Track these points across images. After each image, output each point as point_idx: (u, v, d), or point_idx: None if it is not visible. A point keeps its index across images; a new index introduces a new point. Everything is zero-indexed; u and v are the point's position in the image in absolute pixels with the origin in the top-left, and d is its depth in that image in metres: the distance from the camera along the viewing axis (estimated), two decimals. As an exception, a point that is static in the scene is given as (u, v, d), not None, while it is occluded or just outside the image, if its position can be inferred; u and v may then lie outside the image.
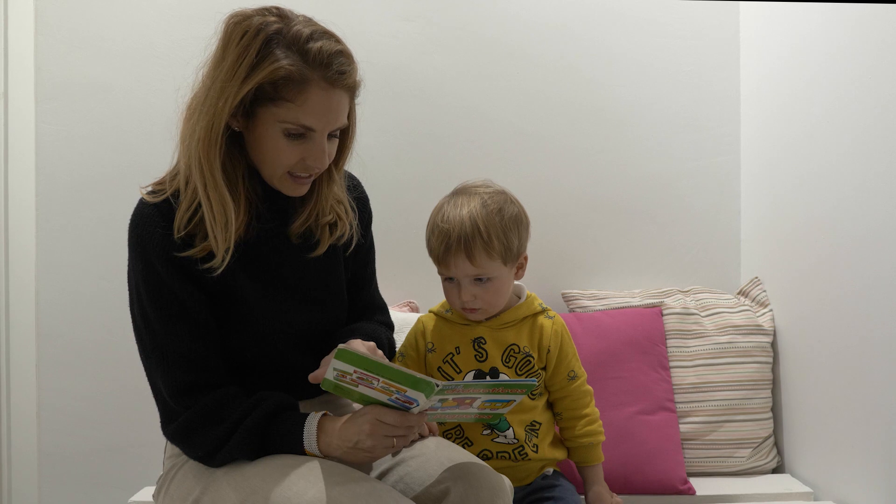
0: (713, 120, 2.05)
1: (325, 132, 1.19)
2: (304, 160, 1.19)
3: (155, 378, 1.22)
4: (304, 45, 1.14)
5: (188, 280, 1.20)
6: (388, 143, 2.00)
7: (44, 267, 1.95)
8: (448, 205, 1.39)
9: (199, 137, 1.15)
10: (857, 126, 1.53)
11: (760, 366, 1.85)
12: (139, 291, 1.20)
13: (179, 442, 1.21)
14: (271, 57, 1.12)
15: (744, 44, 2.03)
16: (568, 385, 1.47)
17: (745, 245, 2.05)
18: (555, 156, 2.03)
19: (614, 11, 2.03)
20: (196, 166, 1.16)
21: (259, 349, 1.26)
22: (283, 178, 1.21)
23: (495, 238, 1.35)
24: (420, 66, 2.00)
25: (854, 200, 1.54)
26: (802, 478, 1.77)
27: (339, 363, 1.08)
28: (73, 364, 1.96)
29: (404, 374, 1.06)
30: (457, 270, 1.37)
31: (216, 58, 1.16)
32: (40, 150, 1.94)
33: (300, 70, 1.13)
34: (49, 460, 1.96)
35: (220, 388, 1.20)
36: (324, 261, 1.31)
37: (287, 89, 1.13)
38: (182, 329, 1.19)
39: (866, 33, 1.50)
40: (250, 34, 1.13)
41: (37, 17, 1.93)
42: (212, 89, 1.15)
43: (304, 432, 1.17)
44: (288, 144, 1.17)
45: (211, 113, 1.15)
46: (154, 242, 1.18)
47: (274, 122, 1.16)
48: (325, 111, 1.17)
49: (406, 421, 1.13)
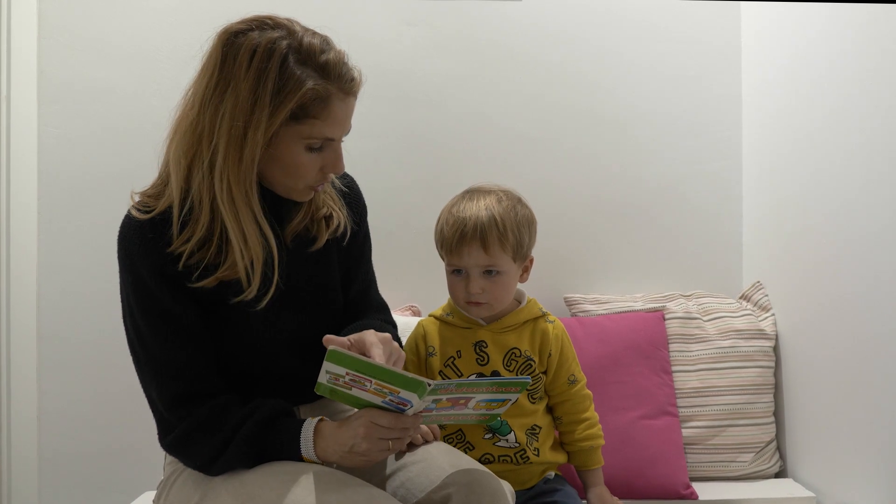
0: (715, 124, 2.05)
1: (342, 138, 1.21)
2: (324, 168, 1.20)
3: (150, 390, 1.21)
4: (319, 58, 1.14)
5: (179, 291, 1.19)
6: (390, 146, 2.00)
7: (45, 269, 1.95)
8: (463, 200, 1.42)
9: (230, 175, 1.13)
10: (858, 130, 1.53)
11: (762, 370, 1.85)
12: (130, 304, 1.20)
13: (177, 453, 1.21)
14: (294, 79, 1.12)
15: (745, 49, 2.03)
16: (568, 389, 1.47)
17: (746, 249, 2.05)
18: (557, 160, 2.03)
19: (616, 16, 2.03)
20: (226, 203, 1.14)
21: (254, 355, 1.26)
22: (304, 190, 1.22)
23: (510, 231, 1.38)
24: (422, 69, 2.01)
25: (855, 205, 1.54)
26: (805, 482, 1.76)
27: (330, 365, 1.08)
28: (74, 367, 1.95)
29: (395, 375, 1.06)
30: (469, 259, 1.38)
31: (215, 77, 1.14)
32: (42, 153, 1.94)
33: (324, 87, 1.14)
34: (49, 464, 1.95)
35: (214, 398, 1.20)
36: (318, 261, 1.30)
37: (314, 108, 1.14)
38: (174, 340, 1.19)
39: (867, 38, 1.50)
40: (262, 55, 1.12)
41: (40, 19, 1.93)
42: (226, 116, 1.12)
43: (300, 439, 1.16)
44: (309, 158, 1.18)
45: (238, 147, 1.12)
46: (143, 257, 1.17)
47: (298, 139, 1.16)
48: (344, 120, 1.19)
49: (401, 423, 1.12)
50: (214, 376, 1.22)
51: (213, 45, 1.16)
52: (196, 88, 1.17)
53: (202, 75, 1.16)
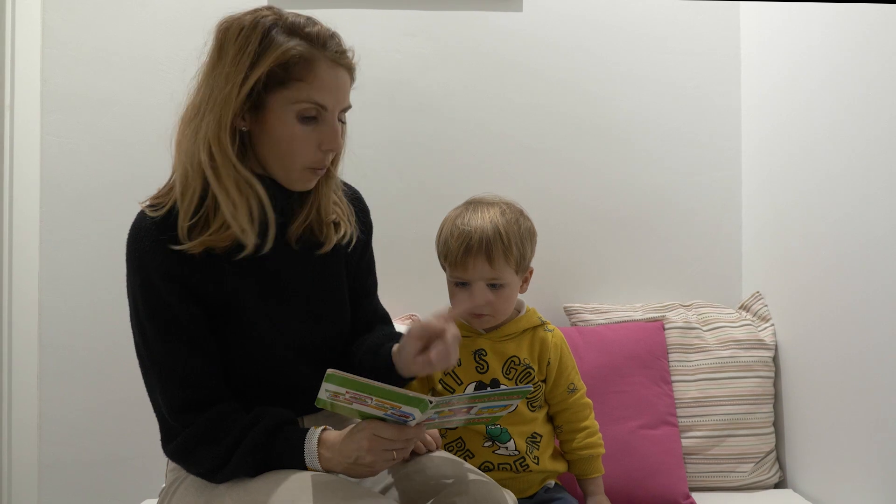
0: (714, 135, 2.06)
1: (336, 111, 1.20)
2: (321, 145, 1.20)
3: (155, 395, 1.21)
4: (303, 29, 1.17)
5: (187, 295, 1.19)
6: (390, 156, 2.01)
7: (47, 278, 1.96)
8: (467, 212, 1.43)
9: (207, 133, 1.15)
10: (857, 141, 1.54)
11: (762, 380, 1.85)
12: (137, 306, 1.20)
13: (179, 460, 1.21)
14: (275, 42, 1.15)
15: (744, 60, 2.04)
16: (568, 398, 1.48)
17: (746, 259, 2.05)
18: (556, 170, 2.04)
19: (616, 27, 2.04)
20: (206, 161, 1.15)
21: (260, 363, 1.25)
22: (302, 172, 1.21)
23: (514, 244, 1.39)
24: (422, 80, 2.02)
25: (855, 215, 1.54)
26: (804, 493, 1.76)
27: (329, 385, 1.08)
28: (75, 375, 1.95)
29: (396, 393, 1.06)
30: (474, 273, 1.39)
31: (212, 60, 1.18)
32: (45, 162, 1.95)
33: (308, 49, 1.16)
34: (49, 472, 1.95)
35: (218, 405, 1.19)
36: (326, 269, 1.30)
37: (298, 68, 1.15)
38: (180, 345, 1.18)
39: (866, 49, 1.51)
40: (247, 28, 1.15)
41: (43, 29, 1.95)
42: (215, 88, 1.15)
43: (304, 450, 1.16)
44: (303, 130, 1.18)
45: (219, 108, 1.15)
46: (153, 257, 1.17)
47: (287, 105, 1.16)
48: (334, 87, 1.19)
49: (404, 434, 1.12)
50: (220, 384, 1.21)
51: (213, 36, 1.19)
52: (198, 76, 1.20)
53: (204, 65, 1.19)
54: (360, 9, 1.99)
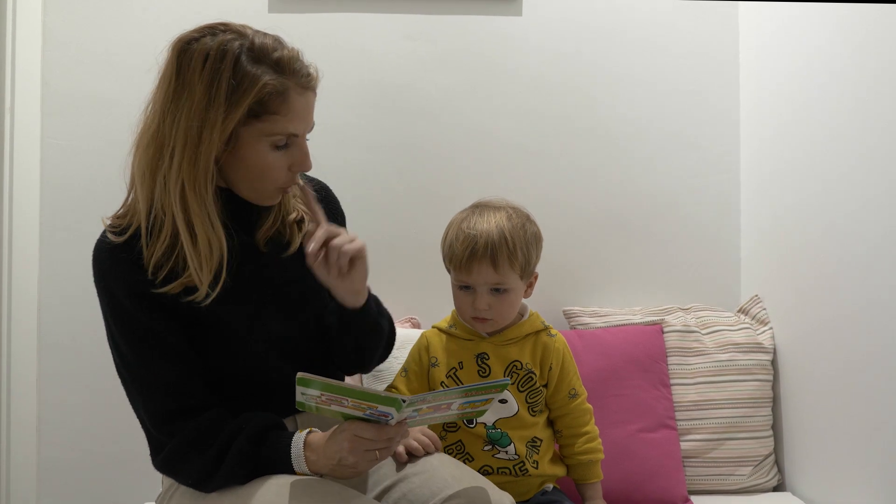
0: (713, 139, 2.07)
1: (305, 135, 1.20)
2: (291, 167, 1.20)
3: (138, 409, 1.21)
4: (272, 55, 1.14)
5: (157, 309, 1.18)
6: (390, 159, 2.01)
7: (46, 279, 1.96)
8: (473, 216, 1.42)
9: (185, 175, 1.13)
10: (856, 145, 1.54)
11: (761, 383, 1.85)
12: (110, 326, 1.20)
13: (169, 472, 1.22)
14: (250, 76, 1.12)
15: (743, 64, 2.05)
16: (569, 403, 1.48)
17: (745, 263, 2.06)
18: (556, 173, 2.04)
19: (615, 32, 2.05)
20: (178, 204, 1.13)
21: (242, 365, 1.25)
22: (273, 192, 1.21)
23: (519, 249, 1.38)
24: (422, 83, 2.02)
25: (854, 219, 1.55)
26: (803, 496, 1.76)
27: (303, 388, 1.08)
28: (75, 377, 1.95)
29: (368, 394, 1.07)
30: (478, 277, 1.38)
31: (171, 86, 1.14)
32: (45, 164, 1.95)
33: (280, 82, 1.14)
34: (48, 473, 1.95)
35: (202, 413, 1.19)
36: (297, 263, 1.27)
37: (272, 103, 1.14)
38: (156, 357, 1.18)
39: (865, 53, 1.52)
40: (215, 59, 1.12)
41: (44, 31, 1.94)
42: (182, 123, 1.12)
43: (291, 454, 1.16)
44: (275, 157, 1.17)
45: (193, 147, 1.12)
46: (118, 278, 1.17)
47: (261, 137, 1.15)
48: (305, 115, 1.18)
49: (384, 434, 1.12)
50: (201, 391, 1.21)
51: (168, 55, 1.17)
52: (154, 99, 1.17)
53: (160, 87, 1.17)
54: (361, 13, 1.99)
